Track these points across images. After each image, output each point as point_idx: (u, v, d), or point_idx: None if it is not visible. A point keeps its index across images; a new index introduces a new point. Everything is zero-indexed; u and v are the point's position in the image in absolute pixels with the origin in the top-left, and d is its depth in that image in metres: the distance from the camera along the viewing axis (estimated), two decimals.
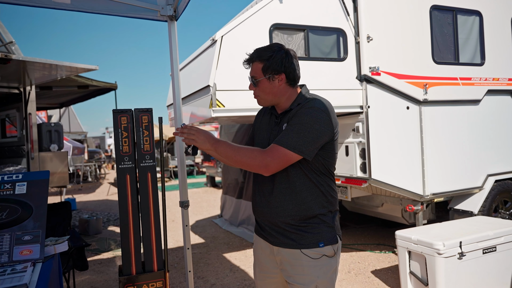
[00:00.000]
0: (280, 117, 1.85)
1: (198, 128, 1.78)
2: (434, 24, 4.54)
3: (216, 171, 11.94)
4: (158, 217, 2.19)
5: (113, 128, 2.10)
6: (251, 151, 1.73)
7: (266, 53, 1.79)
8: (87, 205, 10.51)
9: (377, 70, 4.15)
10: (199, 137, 1.74)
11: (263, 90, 1.82)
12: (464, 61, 4.76)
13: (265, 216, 1.85)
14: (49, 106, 9.36)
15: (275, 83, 1.80)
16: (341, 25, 4.16)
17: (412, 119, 4.40)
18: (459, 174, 4.69)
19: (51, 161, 5.27)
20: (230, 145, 1.75)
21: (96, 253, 5.68)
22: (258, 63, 1.80)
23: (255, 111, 3.88)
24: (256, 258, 2.01)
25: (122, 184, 2.09)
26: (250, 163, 1.72)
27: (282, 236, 1.80)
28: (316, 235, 1.75)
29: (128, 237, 2.11)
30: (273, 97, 1.83)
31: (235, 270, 4.69)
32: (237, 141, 6.84)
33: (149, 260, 2.15)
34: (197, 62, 4.21)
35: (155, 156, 2.14)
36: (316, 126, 1.67)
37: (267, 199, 1.83)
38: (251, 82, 1.85)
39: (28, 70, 4.36)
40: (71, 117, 17.78)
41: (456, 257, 3.35)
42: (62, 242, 1.84)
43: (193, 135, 1.75)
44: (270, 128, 1.89)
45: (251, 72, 1.83)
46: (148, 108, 2.16)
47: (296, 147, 1.67)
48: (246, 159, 1.71)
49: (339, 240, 1.82)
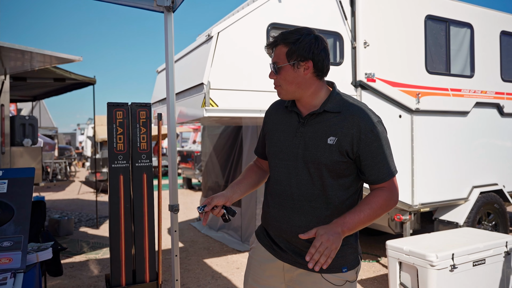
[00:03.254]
0: (307, 118, 1.60)
1: (319, 239, 1.40)
2: (428, 33, 4.53)
3: (194, 173, 11.67)
4: (152, 222, 2.00)
5: (107, 122, 1.90)
6: (381, 200, 1.53)
7: (292, 35, 1.55)
8: (56, 204, 10.03)
9: (372, 77, 4.09)
10: (332, 241, 1.39)
11: (285, 78, 1.57)
12: (455, 72, 4.78)
13: (282, 233, 1.64)
14: (20, 99, 8.86)
15: (300, 71, 1.55)
16: (338, 29, 4.07)
17: (404, 127, 4.37)
18: (446, 185, 4.70)
19: (24, 157, 4.93)
20: (356, 213, 1.49)
21: (68, 256, 5.35)
22: (282, 47, 1.56)
23: (249, 113, 3.79)
24: (252, 267, 1.78)
25: (115, 185, 1.90)
26: (388, 209, 1.57)
27: (300, 257, 1.60)
28: (339, 258, 1.55)
29: (118, 243, 1.91)
30: (296, 88, 1.58)
31: (217, 277, 4.51)
32: (220, 143, 6.66)
33: (140, 269, 1.96)
34: (190, 58, 4.02)
35: (152, 155, 1.95)
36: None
37: (288, 215, 1.61)
38: (272, 69, 1.60)
39: (3, 57, 4.04)
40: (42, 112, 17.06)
41: (448, 269, 3.31)
42: (45, 249, 1.62)
43: (327, 249, 1.38)
44: (292, 129, 1.63)
45: (273, 57, 1.60)
46: (147, 102, 1.98)
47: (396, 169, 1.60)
48: (384, 209, 1.55)
49: (360, 261, 1.66)
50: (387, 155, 1.55)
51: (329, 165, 1.52)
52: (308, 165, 1.55)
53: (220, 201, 1.64)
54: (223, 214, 1.63)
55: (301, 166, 1.57)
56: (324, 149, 1.52)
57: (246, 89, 3.56)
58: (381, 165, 1.53)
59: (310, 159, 1.55)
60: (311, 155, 1.54)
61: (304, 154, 1.56)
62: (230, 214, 1.64)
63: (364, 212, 1.49)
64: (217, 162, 6.76)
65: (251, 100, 3.56)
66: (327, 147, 1.52)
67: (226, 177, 6.41)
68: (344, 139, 1.51)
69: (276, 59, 1.58)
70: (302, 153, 1.57)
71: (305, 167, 1.56)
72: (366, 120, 1.53)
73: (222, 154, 6.59)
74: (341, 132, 1.52)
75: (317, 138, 1.55)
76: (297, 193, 1.58)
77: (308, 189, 1.56)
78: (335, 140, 1.51)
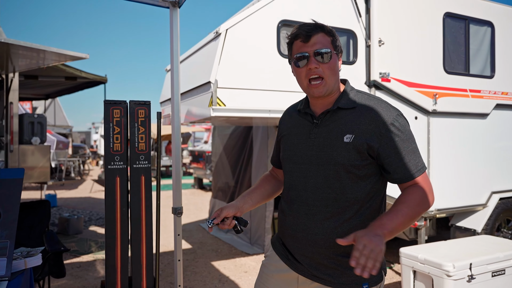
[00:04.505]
0: (321, 117, 1.50)
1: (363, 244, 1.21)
2: (447, 32, 4.35)
3: (205, 173, 11.61)
4: (150, 227, 1.89)
5: (103, 121, 1.80)
6: (418, 197, 1.38)
7: (323, 26, 1.48)
8: (68, 202, 10.07)
9: (387, 76, 3.93)
10: (376, 245, 1.21)
11: (333, 68, 1.45)
12: (474, 73, 4.59)
13: (297, 243, 1.52)
14: (34, 97, 8.94)
15: (339, 64, 1.50)
16: (352, 26, 3.92)
17: (420, 130, 4.20)
18: (464, 190, 4.51)
19: (32, 155, 4.90)
20: (394, 215, 1.34)
21: (75, 255, 5.31)
22: (325, 35, 1.46)
23: (258, 113, 3.67)
24: (263, 276, 1.67)
25: (111, 187, 1.80)
26: (426, 207, 1.40)
27: (316, 270, 1.48)
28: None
29: (114, 248, 1.81)
30: (335, 82, 1.49)
31: (224, 281, 4.40)
32: (230, 144, 6.56)
33: (137, 276, 1.86)
34: (197, 56, 3.92)
35: (150, 157, 1.85)
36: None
37: (303, 222, 1.48)
38: (314, 57, 1.44)
39: (11, 54, 4.01)
40: (56, 110, 17.24)
41: (466, 279, 3.14)
42: (35, 255, 1.53)
43: (373, 252, 1.19)
44: (306, 131, 1.53)
45: (314, 44, 1.44)
46: (146, 100, 1.87)
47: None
48: (423, 208, 1.39)
49: (384, 276, 1.51)
50: (413, 149, 1.42)
51: (346, 166, 1.41)
52: (324, 167, 1.44)
53: (230, 212, 1.56)
54: (235, 225, 1.55)
55: (316, 168, 1.46)
56: (341, 149, 1.41)
57: (255, 88, 3.44)
58: (407, 161, 1.40)
59: (326, 160, 1.44)
60: (327, 156, 1.44)
61: (318, 156, 1.46)
62: (242, 225, 1.56)
63: (402, 211, 1.34)
64: (227, 162, 6.67)
65: (260, 99, 3.45)
66: (343, 146, 1.41)
67: (236, 178, 6.31)
68: (362, 136, 1.40)
69: (321, 46, 1.44)
70: (316, 154, 1.46)
71: (320, 169, 1.45)
72: (385, 114, 1.41)
73: (232, 155, 6.49)
74: (358, 129, 1.41)
75: (332, 137, 1.44)
76: (313, 197, 1.47)
77: (323, 193, 1.44)
78: (352, 138, 1.40)
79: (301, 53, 1.45)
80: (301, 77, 1.49)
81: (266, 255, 1.72)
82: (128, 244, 1.84)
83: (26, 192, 11.24)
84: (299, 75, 1.50)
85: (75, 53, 3.56)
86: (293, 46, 1.50)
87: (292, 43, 1.51)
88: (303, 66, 1.46)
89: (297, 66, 1.48)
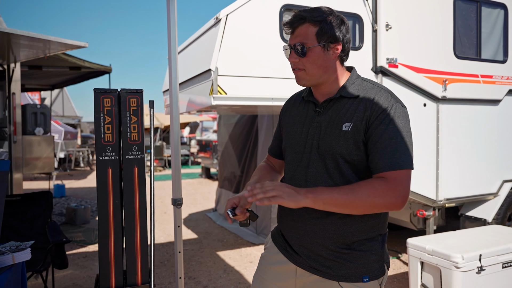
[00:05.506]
0: (323, 106, 1.46)
1: (272, 182, 1.31)
2: (458, 15, 4.18)
3: (212, 162, 11.59)
4: (145, 220, 1.83)
5: (94, 111, 1.74)
6: (371, 186, 1.28)
7: (319, 14, 1.40)
8: (77, 192, 10.14)
9: (394, 62, 3.80)
10: (283, 190, 1.26)
11: (314, 61, 1.40)
12: (486, 57, 4.41)
13: (296, 233, 1.47)
14: (40, 88, 8.96)
15: (329, 54, 1.41)
16: (358, 10, 3.78)
17: (428, 117, 4.07)
18: (474, 179, 4.38)
19: (36, 146, 4.89)
20: (334, 189, 1.30)
21: (82, 245, 5.33)
22: (310, 26, 1.39)
23: (260, 101, 3.57)
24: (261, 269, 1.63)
25: (103, 179, 1.74)
26: (379, 203, 1.28)
27: (314, 261, 1.43)
28: (360, 266, 1.38)
29: (107, 243, 1.76)
30: (323, 73, 1.42)
31: (229, 271, 4.37)
32: (236, 133, 6.49)
33: (132, 270, 1.81)
34: (198, 44, 3.82)
35: (144, 147, 1.78)
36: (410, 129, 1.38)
37: (302, 214, 1.43)
38: (294, 51, 1.41)
39: (12, 44, 3.96)
40: (65, 100, 17.30)
41: (475, 271, 3.06)
42: (23, 249, 1.48)
43: (272, 190, 1.26)
44: (308, 120, 1.49)
45: (296, 37, 1.41)
46: (138, 89, 1.80)
47: (412, 161, 1.33)
48: (372, 199, 1.27)
49: (386, 270, 1.45)
50: (398, 142, 1.31)
51: (345, 155, 1.36)
52: (324, 156, 1.40)
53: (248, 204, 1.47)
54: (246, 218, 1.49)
55: (316, 157, 1.42)
56: (339, 137, 1.37)
57: (257, 76, 3.34)
58: (385, 153, 1.31)
59: (325, 149, 1.40)
60: (326, 144, 1.40)
61: (319, 145, 1.42)
62: (252, 219, 1.49)
63: (341, 192, 1.28)
64: (233, 152, 6.60)
65: (262, 87, 3.35)
66: (341, 134, 1.37)
67: (242, 168, 6.25)
68: (359, 123, 1.35)
69: (302, 39, 1.40)
70: (316, 143, 1.42)
71: (320, 158, 1.41)
72: (382, 102, 1.36)
73: (238, 144, 6.42)
74: (356, 117, 1.36)
75: (332, 126, 1.40)
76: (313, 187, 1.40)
77: (323, 182, 1.39)
78: (351, 126, 1.36)
79: (286, 45, 1.46)
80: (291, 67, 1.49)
81: (265, 248, 1.69)
82: (122, 237, 1.79)
83: (36, 182, 11.35)
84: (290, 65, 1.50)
85: (74, 41, 3.50)
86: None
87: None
88: (288, 57, 1.46)
89: (286, 56, 1.48)
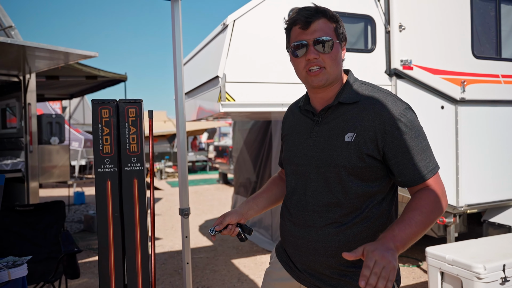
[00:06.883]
0: (322, 114, 1.36)
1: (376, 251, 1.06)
2: (475, 13, 4.02)
3: (229, 168, 11.58)
4: (145, 232, 1.79)
5: (92, 122, 1.71)
6: (430, 202, 1.22)
7: (331, 12, 1.34)
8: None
9: (409, 64, 3.68)
10: (391, 258, 1.05)
11: (335, 58, 1.30)
12: (507, 56, 4.24)
13: (298, 250, 1.39)
14: (59, 97, 9.16)
15: (343, 52, 1.37)
16: (370, 11, 3.68)
17: (447, 120, 3.91)
18: (497, 184, 4.19)
19: (51, 155, 4.98)
20: (410, 221, 1.18)
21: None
22: (327, 22, 1.31)
23: (269, 107, 3.51)
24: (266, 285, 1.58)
25: (101, 192, 1.70)
26: (439, 215, 1.25)
27: (318, 280, 1.35)
28: None
29: (107, 257, 1.72)
30: (339, 72, 1.35)
31: (243, 280, 4.30)
32: (250, 138, 6.43)
33: (133, 284, 1.76)
34: (206, 51, 3.80)
35: (143, 158, 1.74)
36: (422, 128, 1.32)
37: (303, 229, 1.36)
38: (313, 46, 1.29)
39: (27, 56, 4.04)
40: (85, 109, 17.62)
41: (498, 282, 2.91)
42: (20, 265, 1.46)
43: (384, 267, 1.03)
44: (307, 130, 1.40)
45: (315, 32, 1.28)
46: (137, 99, 1.76)
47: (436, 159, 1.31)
48: (437, 214, 1.23)
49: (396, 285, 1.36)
50: (423, 147, 1.25)
51: (348, 168, 1.27)
52: (324, 169, 1.31)
53: (233, 219, 1.47)
54: (238, 233, 1.47)
55: (315, 170, 1.33)
56: (341, 149, 1.27)
57: (266, 81, 3.28)
58: (417, 161, 1.24)
59: (326, 162, 1.30)
60: (327, 156, 1.30)
61: (319, 157, 1.32)
62: (246, 233, 1.47)
63: (415, 219, 1.18)
64: (248, 157, 6.55)
65: (271, 93, 3.29)
66: (344, 145, 1.27)
67: (257, 173, 6.19)
68: (365, 134, 1.25)
69: (323, 34, 1.29)
70: (317, 155, 1.33)
71: (320, 171, 1.32)
72: (391, 108, 1.26)
73: (253, 150, 6.37)
74: (360, 127, 1.26)
75: (333, 136, 1.30)
76: (313, 202, 1.34)
77: (324, 197, 1.31)
78: (354, 137, 1.26)
79: (299, 41, 1.31)
80: (299, 67, 1.35)
81: (270, 262, 1.62)
82: (122, 251, 1.75)
83: (57, 190, 11.57)
84: (297, 66, 1.36)
85: (84, 52, 3.54)
86: (291, 32, 1.36)
87: (290, 29, 1.36)
88: (301, 55, 1.32)
89: (295, 56, 1.34)
